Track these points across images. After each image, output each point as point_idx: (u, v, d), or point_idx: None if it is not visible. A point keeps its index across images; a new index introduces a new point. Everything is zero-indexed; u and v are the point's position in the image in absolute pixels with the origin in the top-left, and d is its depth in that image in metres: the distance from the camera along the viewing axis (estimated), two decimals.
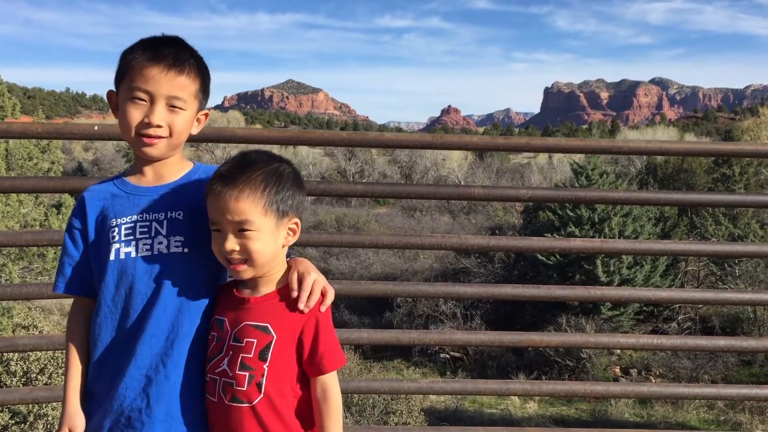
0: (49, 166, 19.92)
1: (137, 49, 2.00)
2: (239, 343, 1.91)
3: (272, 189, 1.90)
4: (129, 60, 1.99)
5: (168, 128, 1.99)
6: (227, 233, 1.89)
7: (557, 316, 18.26)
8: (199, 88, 2.05)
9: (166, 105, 1.98)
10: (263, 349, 1.89)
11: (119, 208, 2.05)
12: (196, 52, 2.07)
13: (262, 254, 1.90)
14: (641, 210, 20.35)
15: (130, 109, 1.98)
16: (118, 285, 1.99)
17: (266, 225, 1.90)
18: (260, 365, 1.89)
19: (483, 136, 3.61)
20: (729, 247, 3.90)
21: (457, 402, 16.03)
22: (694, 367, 16.57)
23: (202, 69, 2.06)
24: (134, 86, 1.96)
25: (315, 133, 3.48)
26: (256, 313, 1.93)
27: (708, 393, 3.91)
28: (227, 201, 1.87)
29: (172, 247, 2.00)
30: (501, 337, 3.61)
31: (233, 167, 1.92)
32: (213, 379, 1.94)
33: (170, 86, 1.97)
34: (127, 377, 1.96)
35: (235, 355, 1.91)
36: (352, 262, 23.93)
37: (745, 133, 46.43)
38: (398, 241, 3.47)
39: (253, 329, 1.91)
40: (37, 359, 8.95)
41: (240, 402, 1.89)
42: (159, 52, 1.97)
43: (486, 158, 47.96)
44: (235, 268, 1.91)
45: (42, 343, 3.46)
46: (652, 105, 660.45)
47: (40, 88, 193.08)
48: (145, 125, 1.97)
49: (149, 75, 1.95)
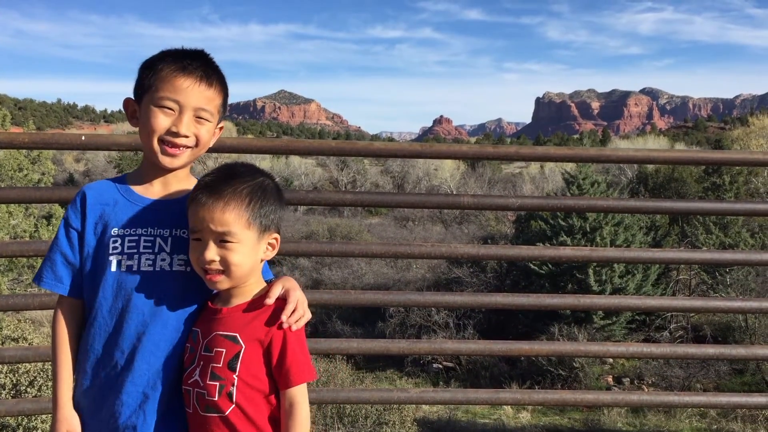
0: (39, 177, 19.84)
1: (165, 59, 2.01)
2: (209, 353, 1.91)
3: (257, 203, 1.92)
4: (158, 69, 1.99)
5: (194, 138, 2.01)
6: (208, 243, 1.89)
7: (549, 326, 18.24)
8: (222, 101, 2.08)
9: (193, 116, 2.00)
10: (232, 359, 1.89)
11: (122, 216, 2.03)
12: (219, 67, 2.09)
13: (240, 267, 1.91)
14: (632, 219, 20.40)
15: (158, 115, 1.98)
16: (116, 297, 1.96)
17: (248, 238, 1.91)
18: (230, 375, 1.88)
19: (472, 145, 3.62)
20: (719, 255, 3.91)
21: (450, 412, 15.98)
22: (686, 376, 16.57)
23: (224, 83, 2.09)
24: (164, 95, 1.97)
25: (304, 143, 3.48)
26: (227, 324, 1.93)
27: (699, 401, 3.90)
28: (212, 211, 1.87)
29: (175, 265, 2.00)
30: (491, 346, 3.61)
31: (218, 178, 1.92)
32: (187, 390, 1.94)
33: (199, 98, 1.99)
34: (123, 393, 1.94)
35: (205, 365, 1.91)
36: (345, 272, 23.87)
37: (735, 142, 46.71)
38: (388, 250, 3.47)
39: (222, 339, 1.91)
40: (26, 372, 8.86)
41: (212, 412, 1.89)
42: (188, 64, 1.99)
43: (478, 168, 48.04)
44: (212, 278, 1.91)
45: (29, 355, 3.44)
46: (643, 115, 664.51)
47: (31, 99, 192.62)
48: (173, 133, 1.98)
49: (180, 85, 1.97)
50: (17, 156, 18.08)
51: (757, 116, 57.09)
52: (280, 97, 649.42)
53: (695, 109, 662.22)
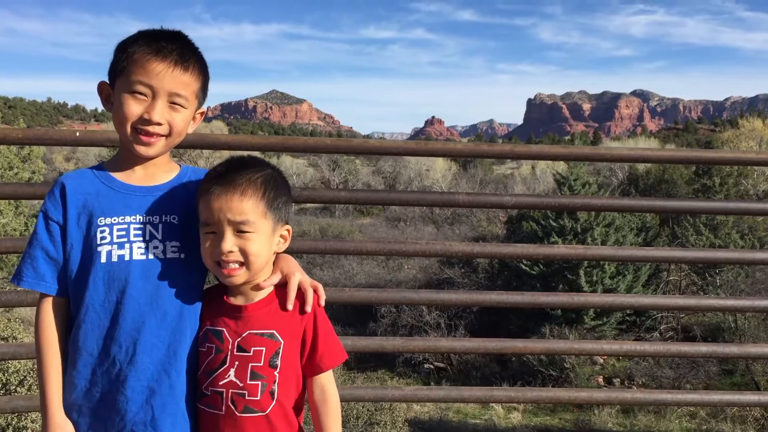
0: (29, 176, 19.73)
1: (139, 41, 1.90)
2: (246, 352, 1.87)
3: (271, 192, 1.88)
4: (130, 52, 1.88)
5: (168, 126, 1.91)
6: (225, 233, 1.83)
7: (541, 326, 18.29)
8: (200, 86, 1.98)
9: (167, 102, 1.90)
10: (272, 356, 1.87)
11: (106, 205, 1.93)
12: (198, 49, 1.99)
13: (259, 258, 1.87)
14: (623, 220, 20.49)
15: (129, 102, 1.88)
16: (109, 289, 1.87)
17: (265, 228, 1.87)
18: (271, 372, 1.86)
19: (467, 143, 3.62)
20: (710, 253, 3.94)
21: (441, 413, 15.99)
22: (676, 376, 16.64)
23: (203, 67, 2.00)
24: (136, 79, 1.87)
25: (300, 140, 3.47)
26: (259, 321, 1.89)
27: (692, 399, 3.92)
28: (229, 201, 1.82)
29: (168, 252, 1.92)
30: (485, 344, 3.61)
31: (230, 169, 1.88)
32: (218, 391, 1.87)
33: (174, 83, 1.89)
34: (127, 389, 1.87)
35: (242, 365, 1.86)
36: (336, 272, 23.84)
37: (725, 144, 47.10)
38: (382, 248, 3.47)
39: (258, 338, 1.87)
40: (16, 371, 8.80)
41: (253, 412, 1.85)
42: (163, 47, 1.88)
43: (470, 169, 48.12)
44: (230, 272, 1.86)
45: (21, 352, 3.39)
46: (634, 117, 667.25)
47: (21, 98, 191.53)
48: (145, 121, 1.88)
49: (153, 70, 1.86)
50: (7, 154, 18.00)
51: (747, 118, 57.52)
52: (272, 97, 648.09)
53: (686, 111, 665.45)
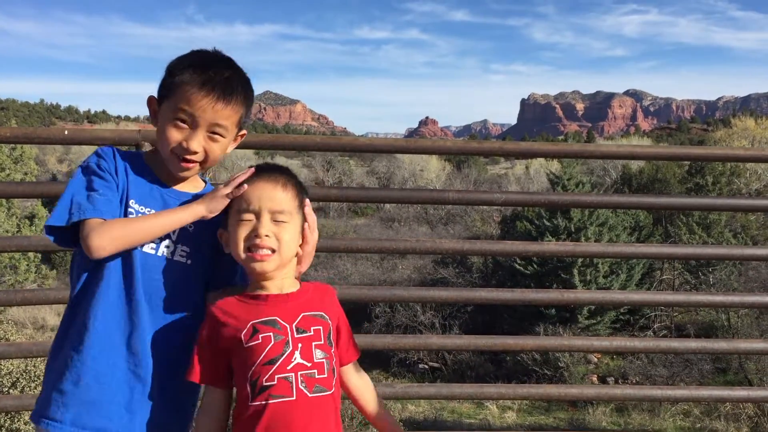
0: (22, 177, 19.66)
1: (188, 69, 1.94)
2: (306, 332, 1.92)
3: (301, 192, 2.02)
4: (178, 81, 1.93)
5: (204, 153, 1.98)
6: (262, 218, 1.93)
7: (535, 326, 18.34)
8: (242, 115, 2.03)
9: (206, 132, 1.96)
10: (328, 334, 1.96)
11: (141, 193, 1.97)
12: (245, 76, 2.03)
13: (290, 246, 1.96)
14: (617, 219, 20.55)
15: (171, 129, 1.94)
16: (123, 274, 1.90)
17: (296, 221, 1.99)
18: (329, 350, 1.95)
19: (457, 140, 3.63)
20: (701, 249, 3.96)
21: (436, 413, 16.02)
22: (669, 374, 16.71)
23: (247, 97, 2.03)
24: (179, 108, 1.93)
25: (290, 137, 3.48)
26: (308, 304, 1.98)
27: (682, 395, 3.94)
28: (272, 190, 1.94)
29: (177, 255, 1.98)
30: (476, 340, 3.62)
31: (268, 167, 2.02)
32: (285, 377, 1.88)
33: (215, 116, 1.95)
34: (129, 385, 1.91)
35: (306, 346, 1.91)
36: (330, 272, 23.83)
37: (718, 143, 47.28)
38: (373, 246, 3.47)
39: (313, 318, 1.95)
40: (8, 373, 8.76)
41: (323, 391, 1.90)
42: (210, 78, 1.93)
43: (464, 169, 48.18)
44: (263, 257, 1.91)
45: (11, 351, 3.39)
46: (627, 116, 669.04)
47: (13, 99, 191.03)
48: (183, 149, 1.95)
49: (197, 103, 1.92)
50: None
51: (740, 118, 57.78)
52: (266, 98, 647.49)
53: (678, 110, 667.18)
